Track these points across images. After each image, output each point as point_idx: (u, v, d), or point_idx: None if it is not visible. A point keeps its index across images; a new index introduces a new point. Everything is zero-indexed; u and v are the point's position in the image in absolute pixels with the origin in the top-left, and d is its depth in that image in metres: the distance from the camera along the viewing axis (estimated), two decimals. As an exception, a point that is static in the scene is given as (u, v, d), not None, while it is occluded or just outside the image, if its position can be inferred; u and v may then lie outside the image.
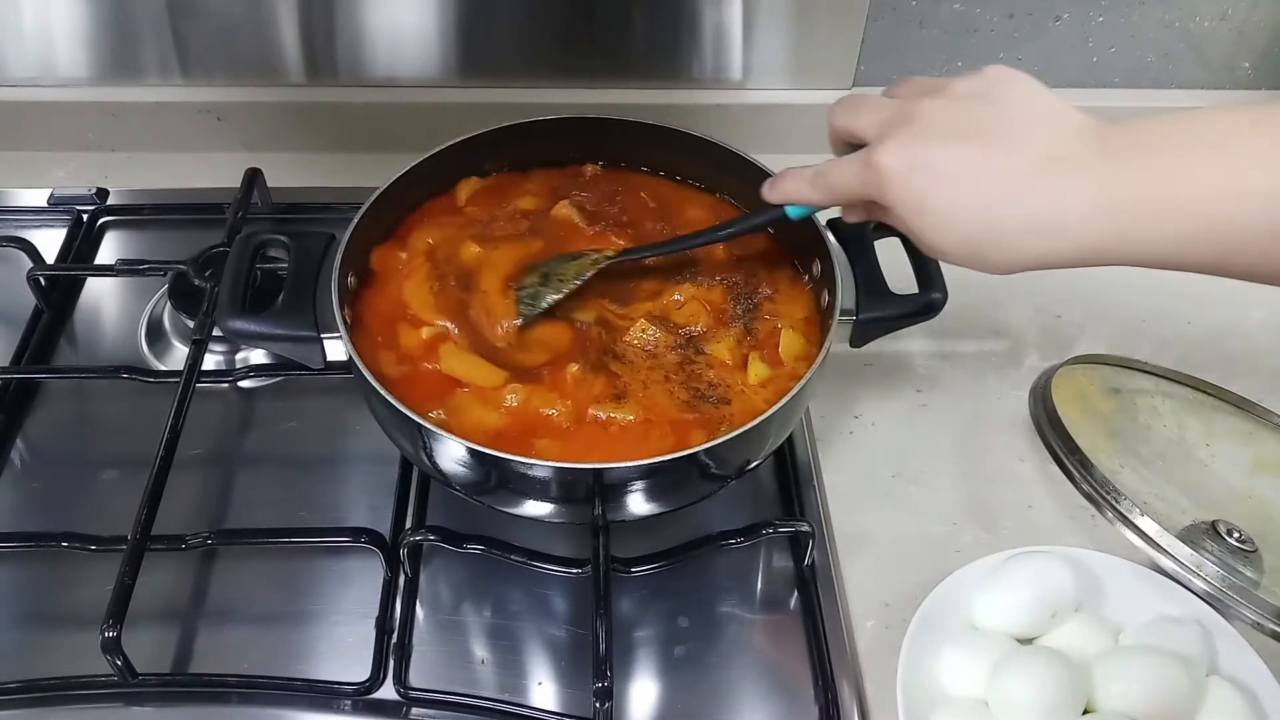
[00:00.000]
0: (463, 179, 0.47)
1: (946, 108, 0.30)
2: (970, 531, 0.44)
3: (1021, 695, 0.35)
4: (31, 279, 0.51)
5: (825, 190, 0.34)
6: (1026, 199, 0.29)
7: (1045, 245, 0.29)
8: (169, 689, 0.38)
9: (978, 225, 0.29)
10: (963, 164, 0.29)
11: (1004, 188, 0.29)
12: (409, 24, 0.57)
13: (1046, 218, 0.29)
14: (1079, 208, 0.28)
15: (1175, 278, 0.58)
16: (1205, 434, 0.46)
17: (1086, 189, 0.28)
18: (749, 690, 0.39)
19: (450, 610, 0.41)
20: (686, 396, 0.39)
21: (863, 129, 0.32)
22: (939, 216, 0.30)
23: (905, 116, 0.31)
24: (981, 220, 0.29)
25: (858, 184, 0.32)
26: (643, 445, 0.37)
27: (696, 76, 0.60)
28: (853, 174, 0.32)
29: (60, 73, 0.59)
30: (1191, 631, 0.37)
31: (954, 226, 0.30)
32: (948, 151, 0.29)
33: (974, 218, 0.29)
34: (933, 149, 0.30)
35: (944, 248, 0.31)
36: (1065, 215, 0.29)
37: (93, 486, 0.45)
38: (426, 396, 0.38)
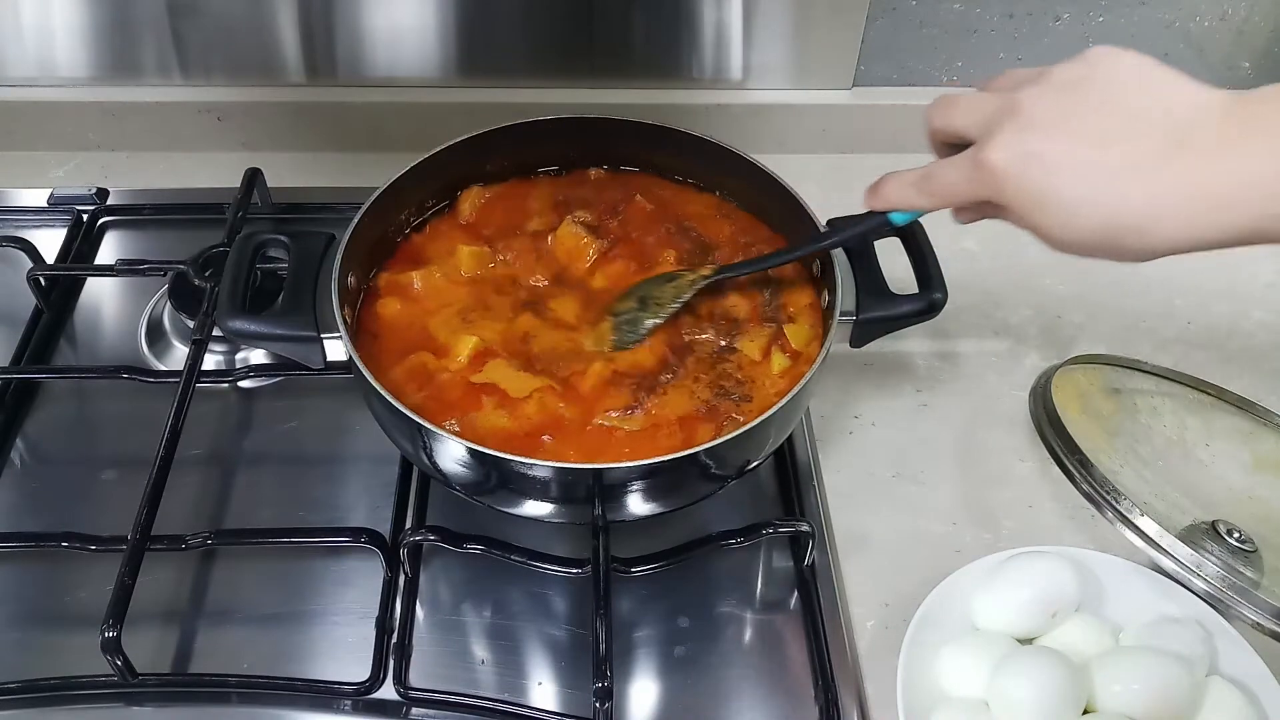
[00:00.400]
0: (466, 189, 0.47)
1: (1053, 96, 0.29)
2: (970, 531, 0.44)
3: (1022, 695, 0.35)
4: (31, 279, 0.51)
5: (934, 194, 0.33)
6: (1155, 184, 0.27)
7: (1180, 231, 0.28)
8: (169, 689, 0.38)
9: (1104, 215, 0.28)
10: (1080, 152, 0.28)
11: (1129, 175, 0.28)
12: (409, 24, 0.57)
13: (1180, 203, 0.27)
14: (1214, 190, 0.27)
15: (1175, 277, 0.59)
16: (1205, 434, 0.46)
17: (1220, 170, 0.27)
18: (749, 691, 0.39)
19: (450, 610, 0.41)
20: (708, 395, 0.39)
21: (965, 127, 0.31)
22: (1061, 209, 0.29)
23: (1010, 109, 0.29)
24: (1109, 210, 0.28)
25: (968, 185, 0.31)
26: (651, 446, 0.37)
27: (696, 76, 0.60)
28: (962, 175, 0.31)
29: (60, 73, 0.59)
30: (1192, 632, 0.37)
31: (1079, 218, 0.28)
32: (1062, 141, 0.28)
33: (1100, 208, 0.28)
34: (1045, 140, 0.28)
35: (1072, 240, 0.29)
36: (1199, 199, 0.27)
37: (93, 487, 0.45)
38: (442, 409, 0.38)
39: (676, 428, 0.38)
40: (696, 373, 0.40)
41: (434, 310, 0.42)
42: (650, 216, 0.46)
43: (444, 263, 0.44)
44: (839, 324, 0.39)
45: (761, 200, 0.47)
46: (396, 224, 0.45)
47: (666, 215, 0.46)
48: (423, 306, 0.42)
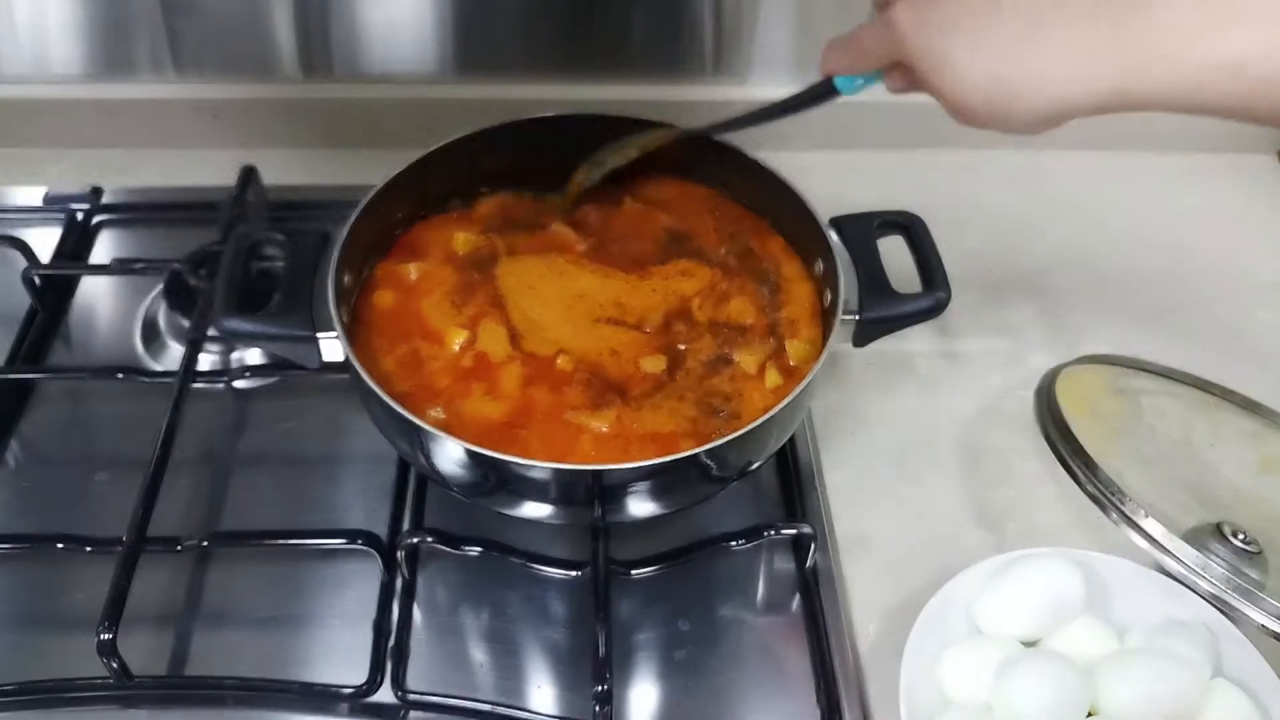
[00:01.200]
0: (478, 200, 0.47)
1: None
2: (974, 533, 0.44)
3: (1026, 699, 0.34)
4: (26, 278, 0.51)
5: (856, 53, 0.34)
6: (1035, 46, 0.29)
7: (1058, 91, 0.29)
8: (165, 691, 0.38)
9: (991, 74, 0.30)
10: (971, 12, 0.30)
11: (1013, 32, 0.29)
12: (405, 19, 0.56)
13: (1057, 64, 0.29)
14: (1089, 56, 0.28)
15: (1181, 277, 0.58)
16: (1211, 435, 0.45)
17: (1097, 38, 0.28)
18: (750, 694, 0.38)
19: (448, 613, 0.41)
20: (694, 413, 0.38)
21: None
22: (954, 68, 0.30)
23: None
24: (995, 69, 0.30)
25: (881, 43, 0.33)
26: (622, 455, 0.37)
27: (698, 72, 0.59)
28: (876, 34, 0.33)
29: (54, 70, 0.58)
30: (1197, 634, 0.37)
31: (968, 77, 0.30)
32: (957, 4, 0.30)
33: (988, 67, 0.30)
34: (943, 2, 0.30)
35: (962, 103, 0.31)
36: (1075, 62, 0.29)
37: (88, 487, 0.44)
38: (428, 395, 0.38)
39: (650, 441, 0.37)
40: (684, 389, 0.39)
41: (427, 292, 0.42)
42: (638, 216, 0.46)
43: (441, 249, 0.44)
44: (841, 323, 0.39)
45: (765, 197, 0.46)
46: (393, 222, 0.45)
47: (652, 218, 0.46)
48: (417, 292, 0.42)
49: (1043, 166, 0.61)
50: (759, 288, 0.43)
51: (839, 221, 0.42)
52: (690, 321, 0.42)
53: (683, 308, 0.42)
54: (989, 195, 0.60)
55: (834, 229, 0.42)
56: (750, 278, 0.44)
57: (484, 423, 0.37)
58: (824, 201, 0.43)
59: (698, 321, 0.42)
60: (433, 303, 0.42)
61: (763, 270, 0.44)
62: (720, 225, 0.46)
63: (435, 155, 0.44)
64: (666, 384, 0.39)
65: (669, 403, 0.39)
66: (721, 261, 0.44)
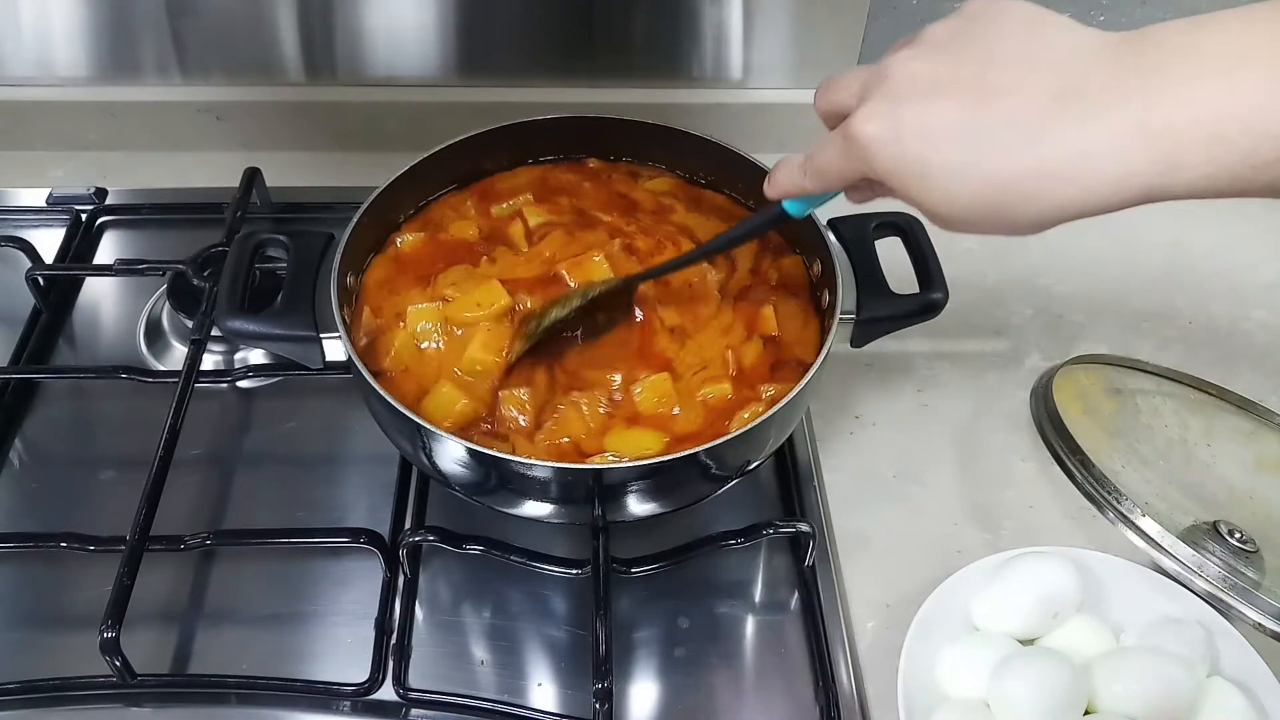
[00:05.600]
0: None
1: (923, 56, 0.26)
2: (971, 532, 0.44)
3: (1022, 696, 0.35)
4: (30, 279, 0.51)
5: (815, 174, 0.30)
6: (1043, 144, 0.24)
7: (1074, 193, 0.25)
8: (168, 690, 0.38)
9: (989, 182, 0.25)
10: (957, 115, 0.25)
11: (1013, 134, 0.25)
12: (408, 23, 0.57)
13: (1071, 162, 0.24)
14: (1108, 145, 0.24)
15: (1176, 277, 0.58)
16: (1207, 434, 0.46)
17: (1114, 122, 0.24)
18: (749, 692, 0.39)
19: (450, 611, 0.41)
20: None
21: (843, 102, 0.28)
22: (941, 179, 0.26)
23: (879, 76, 0.27)
24: (993, 176, 0.25)
25: (843, 161, 0.28)
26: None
27: (697, 75, 0.59)
28: (837, 152, 0.28)
29: (59, 72, 0.59)
30: (1193, 632, 0.37)
31: (962, 187, 0.26)
32: (937, 104, 0.26)
33: (983, 174, 0.25)
34: (918, 105, 0.26)
35: (955, 214, 0.27)
36: (1093, 156, 0.24)
37: (91, 487, 0.45)
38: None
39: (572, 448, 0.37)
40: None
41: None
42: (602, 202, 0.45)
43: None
44: (839, 323, 0.39)
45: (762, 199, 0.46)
46: (395, 224, 0.45)
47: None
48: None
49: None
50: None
51: (837, 223, 0.42)
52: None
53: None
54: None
55: (832, 230, 0.42)
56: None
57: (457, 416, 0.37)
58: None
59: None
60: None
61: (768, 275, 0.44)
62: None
63: (437, 157, 0.44)
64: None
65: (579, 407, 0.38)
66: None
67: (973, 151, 0.26)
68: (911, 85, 0.26)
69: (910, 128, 0.26)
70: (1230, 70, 0.23)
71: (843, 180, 0.30)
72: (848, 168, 0.29)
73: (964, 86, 0.26)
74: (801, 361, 0.40)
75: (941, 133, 0.26)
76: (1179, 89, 0.23)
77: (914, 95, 0.26)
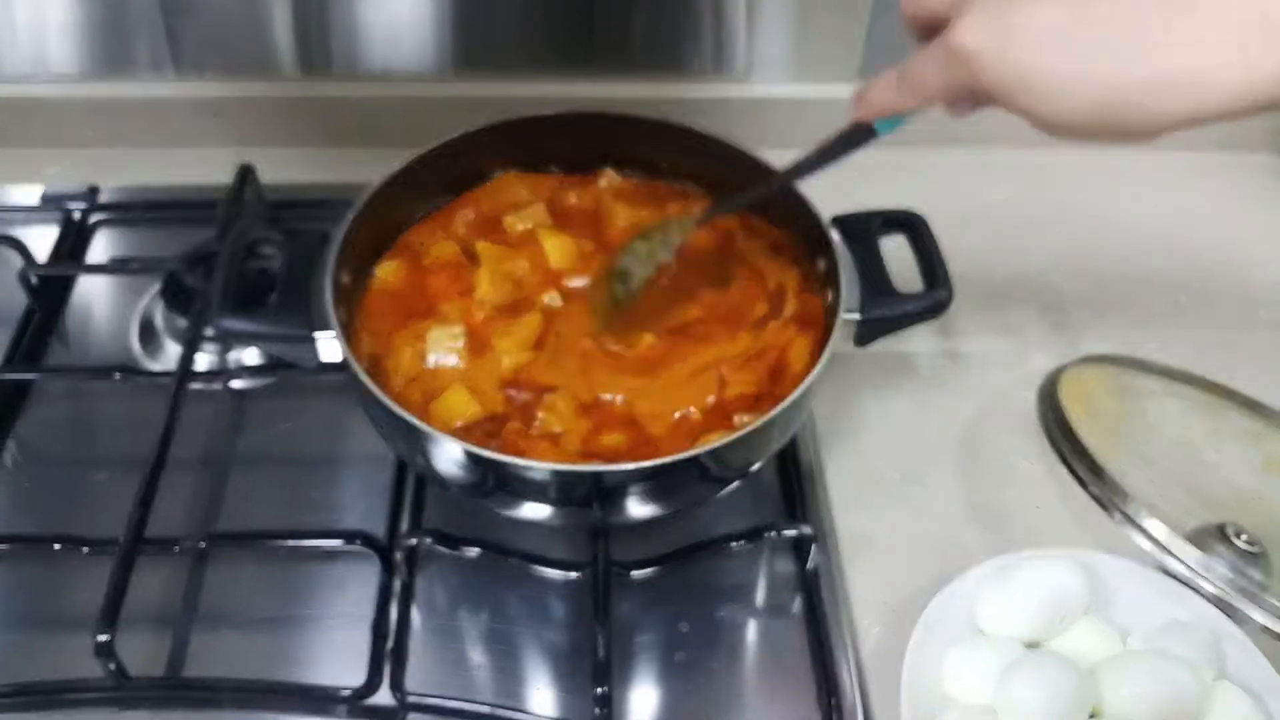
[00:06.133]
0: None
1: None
2: (976, 534, 0.44)
3: (1028, 700, 0.34)
4: (23, 278, 0.50)
5: (913, 90, 0.29)
6: (1156, 50, 0.24)
7: (1191, 102, 0.24)
8: (162, 693, 0.38)
9: (1101, 93, 0.24)
10: (1065, 22, 0.24)
11: (1123, 40, 0.24)
12: (404, 18, 0.56)
13: (1187, 68, 0.23)
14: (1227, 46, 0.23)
15: (1183, 276, 0.58)
16: (1213, 435, 0.45)
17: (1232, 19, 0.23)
18: (751, 696, 0.38)
19: (447, 614, 0.41)
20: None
21: (936, 8, 0.28)
22: (1049, 90, 0.25)
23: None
24: (1104, 86, 0.24)
25: (945, 74, 0.27)
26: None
27: (698, 71, 0.59)
28: (937, 64, 0.27)
29: (52, 69, 0.58)
30: (1200, 635, 0.37)
31: (1070, 98, 0.25)
32: (1041, 12, 0.25)
33: (1094, 84, 0.24)
34: (1022, 12, 0.25)
35: (1067, 122, 0.26)
36: (1212, 60, 0.23)
37: (85, 487, 0.44)
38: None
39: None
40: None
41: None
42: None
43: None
44: (843, 323, 0.39)
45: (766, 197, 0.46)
46: (391, 221, 0.45)
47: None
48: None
49: (1045, 165, 0.60)
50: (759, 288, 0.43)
51: (841, 220, 0.42)
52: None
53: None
54: (991, 194, 0.60)
55: (836, 228, 0.42)
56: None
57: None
58: (825, 200, 0.42)
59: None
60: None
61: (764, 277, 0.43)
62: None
63: (434, 154, 0.44)
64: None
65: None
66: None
67: (1082, 60, 0.25)
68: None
69: (1017, 37, 0.25)
70: None
71: (945, 95, 0.29)
72: (952, 81, 0.28)
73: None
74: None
75: (1049, 41, 0.25)
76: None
77: (1018, 2, 0.26)
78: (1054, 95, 0.26)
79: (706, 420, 0.38)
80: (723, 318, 0.42)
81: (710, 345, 0.40)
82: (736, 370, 0.39)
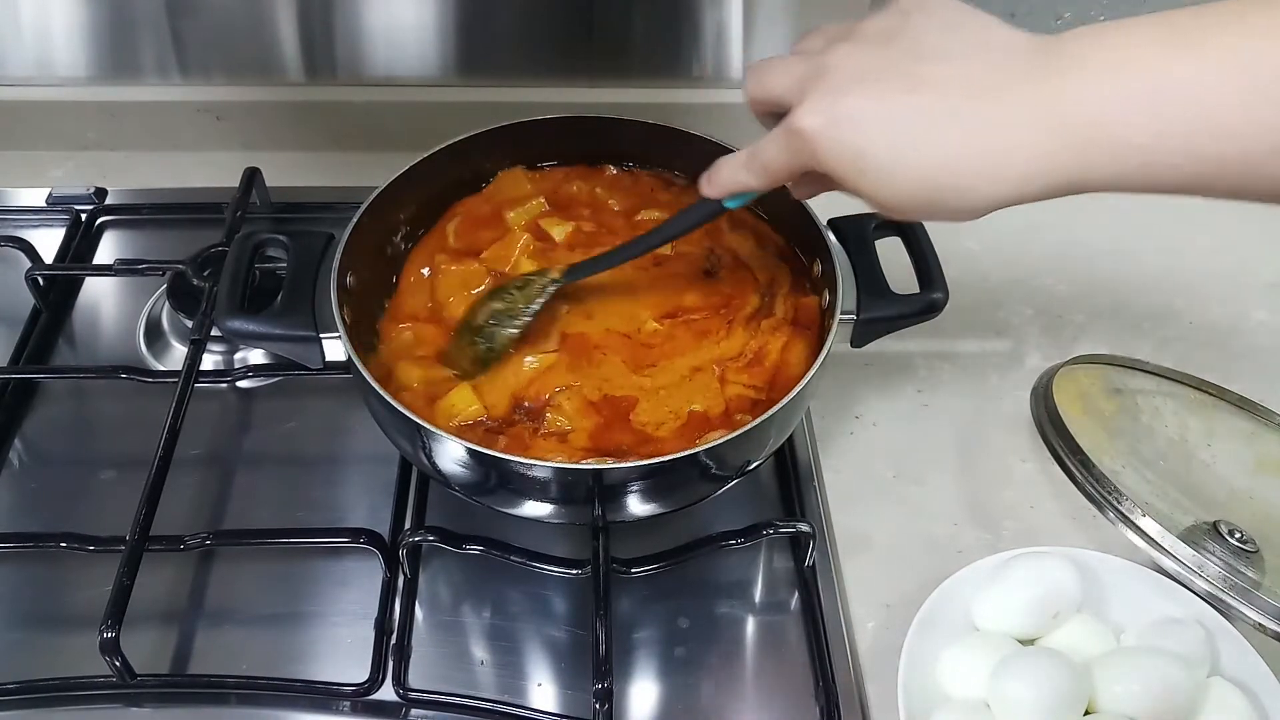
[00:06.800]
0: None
1: (860, 51, 0.28)
2: (971, 532, 0.44)
3: (1023, 696, 0.35)
4: (30, 279, 0.51)
5: (760, 171, 0.31)
6: (967, 136, 0.26)
7: (1000, 187, 0.26)
8: (168, 690, 0.38)
9: (921, 172, 0.27)
10: (892, 106, 0.27)
11: (938, 126, 0.26)
12: (408, 23, 0.57)
13: (993, 156, 0.26)
14: (1028, 139, 0.25)
15: (1176, 277, 0.58)
16: (1207, 434, 0.46)
17: (1032, 116, 0.25)
18: (749, 692, 0.39)
19: (450, 611, 0.41)
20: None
21: (780, 93, 0.29)
22: (878, 169, 0.27)
23: (818, 70, 0.28)
24: (924, 166, 0.27)
25: (788, 155, 0.29)
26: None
27: (697, 75, 0.59)
28: (780, 146, 0.29)
29: (59, 72, 0.59)
30: (1193, 632, 0.37)
31: (897, 176, 0.27)
32: (870, 98, 0.27)
33: (915, 164, 0.27)
34: (856, 98, 0.27)
35: (894, 202, 0.28)
36: (1014, 150, 0.26)
37: (91, 487, 0.45)
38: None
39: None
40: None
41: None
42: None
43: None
44: (839, 323, 0.39)
45: (762, 200, 0.46)
46: (395, 224, 0.45)
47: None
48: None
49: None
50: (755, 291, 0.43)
51: (837, 223, 0.42)
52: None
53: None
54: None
55: (832, 230, 0.42)
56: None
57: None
58: (821, 203, 0.43)
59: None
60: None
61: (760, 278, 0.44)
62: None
63: (437, 157, 0.44)
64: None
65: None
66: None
67: (903, 142, 0.27)
68: (847, 78, 0.28)
69: (847, 120, 0.27)
70: (1142, 68, 0.25)
71: (788, 174, 0.31)
72: (794, 162, 0.30)
73: (895, 79, 0.27)
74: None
75: (875, 124, 0.27)
76: (1090, 88, 0.25)
77: (850, 88, 0.27)
78: (883, 175, 0.27)
79: (709, 420, 0.39)
80: (716, 306, 0.42)
81: (708, 340, 0.41)
82: (737, 372, 0.40)
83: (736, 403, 0.39)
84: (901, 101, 0.27)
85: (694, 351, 0.40)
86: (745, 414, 0.38)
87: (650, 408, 0.38)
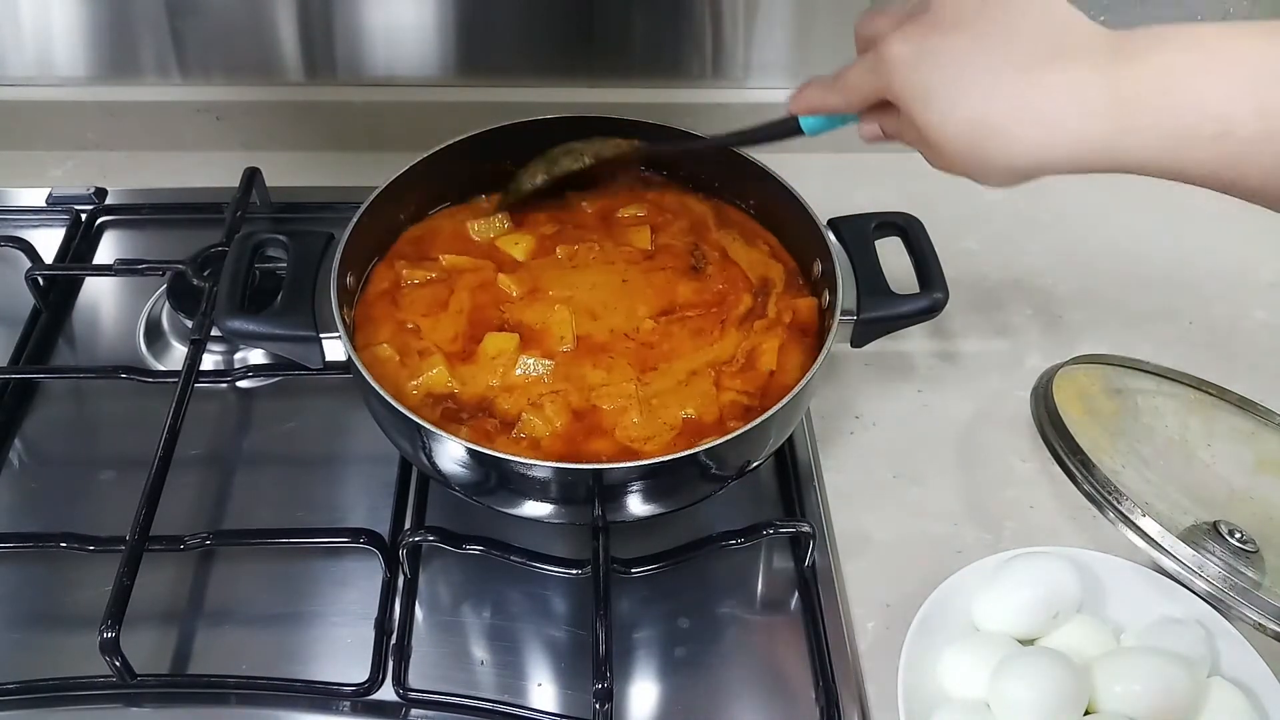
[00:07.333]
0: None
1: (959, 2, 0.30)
2: (971, 532, 0.44)
3: (1023, 696, 0.35)
4: (30, 279, 0.51)
5: (841, 90, 0.33)
6: (1029, 87, 0.28)
7: (1044, 137, 0.28)
8: (168, 690, 0.38)
9: (977, 111, 0.29)
10: (968, 50, 0.29)
11: (1008, 74, 0.29)
12: (408, 23, 0.57)
13: (1047, 108, 0.28)
14: (1082, 101, 0.28)
15: (1177, 278, 0.58)
16: (1207, 434, 0.46)
17: (1091, 84, 0.28)
18: (749, 692, 0.39)
19: (450, 611, 0.41)
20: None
21: (883, 28, 0.32)
22: (940, 103, 0.29)
23: (922, 7, 0.31)
24: (982, 106, 0.29)
25: (871, 76, 0.32)
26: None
27: (697, 75, 0.59)
28: (865, 67, 0.32)
29: (59, 72, 0.59)
30: (1193, 632, 0.37)
31: (954, 112, 0.29)
32: (954, 38, 0.29)
33: (975, 103, 0.29)
34: (939, 36, 0.30)
35: (944, 138, 0.30)
36: (1066, 107, 0.28)
37: (91, 487, 0.45)
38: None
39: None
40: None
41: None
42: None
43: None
44: (840, 323, 0.39)
45: (762, 200, 0.47)
46: (396, 224, 0.45)
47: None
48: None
49: (1040, 168, 0.61)
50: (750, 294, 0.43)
51: (837, 223, 0.42)
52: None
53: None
54: (986, 196, 0.59)
55: (832, 230, 0.42)
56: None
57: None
58: (822, 203, 0.43)
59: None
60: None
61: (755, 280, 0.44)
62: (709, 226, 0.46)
63: (437, 157, 0.44)
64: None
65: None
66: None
67: (968, 84, 0.29)
68: (942, 19, 0.30)
69: (928, 54, 0.30)
70: (1192, 67, 0.27)
71: (864, 98, 0.33)
72: (875, 84, 0.32)
73: (979, 29, 0.29)
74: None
75: (949, 63, 0.29)
76: (1145, 72, 0.27)
77: (939, 27, 0.30)
78: (939, 111, 0.30)
79: (703, 428, 0.38)
80: (709, 304, 0.42)
81: (704, 340, 0.41)
82: (730, 377, 0.40)
83: (730, 409, 0.39)
84: (975, 49, 0.29)
85: (691, 353, 0.40)
86: (738, 421, 0.38)
87: (644, 422, 0.38)
